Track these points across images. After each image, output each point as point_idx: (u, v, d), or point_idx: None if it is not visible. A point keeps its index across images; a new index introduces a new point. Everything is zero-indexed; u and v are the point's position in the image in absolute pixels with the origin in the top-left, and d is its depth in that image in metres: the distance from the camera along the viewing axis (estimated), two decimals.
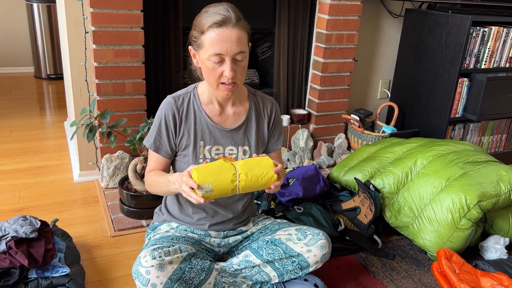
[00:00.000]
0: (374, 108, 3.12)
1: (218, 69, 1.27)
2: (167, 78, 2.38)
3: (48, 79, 4.18)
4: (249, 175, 1.20)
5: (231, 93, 1.32)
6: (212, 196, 1.19)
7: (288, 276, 1.45)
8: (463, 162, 1.94)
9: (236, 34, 1.25)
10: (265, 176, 1.21)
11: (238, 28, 1.25)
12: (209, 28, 1.24)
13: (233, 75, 1.27)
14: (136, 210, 1.95)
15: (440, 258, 1.67)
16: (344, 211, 1.96)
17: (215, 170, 1.19)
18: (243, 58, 1.29)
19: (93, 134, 1.90)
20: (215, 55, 1.25)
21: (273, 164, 1.23)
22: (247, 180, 1.19)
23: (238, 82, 1.31)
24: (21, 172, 2.35)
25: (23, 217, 1.53)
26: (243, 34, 1.27)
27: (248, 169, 1.20)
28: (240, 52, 1.26)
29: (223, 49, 1.24)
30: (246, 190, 1.22)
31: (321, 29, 2.56)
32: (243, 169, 1.20)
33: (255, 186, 1.22)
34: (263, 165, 1.22)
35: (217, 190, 1.18)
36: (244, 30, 1.28)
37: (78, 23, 2.06)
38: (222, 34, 1.24)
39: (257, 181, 1.20)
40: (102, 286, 1.57)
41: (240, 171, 1.19)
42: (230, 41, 1.24)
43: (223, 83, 1.30)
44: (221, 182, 1.18)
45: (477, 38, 2.54)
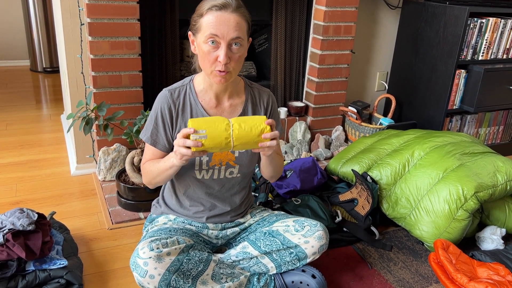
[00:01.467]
0: (371, 100, 3.12)
1: (213, 53, 1.26)
2: (164, 70, 2.37)
3: (44, 72, 4.15)
4: (242, 125, 1.21)
5: (224, 81, 1.30)
6: (206, 144, 1.19)
7: (285, 267, 1.46)
8: (460, 154, 1.95)
9: (234, 19, 1.24)
10: (258, 127, 1.22)
11: (237, 14, 1.25)
12: (208, 11, 1.24)
13: (227, 61, 1.25)
14: (133, 203, 1.94)
15: (437, 249, 1.68)
16: (341, 203, 1.97)
17: (210, 120, 1.21)
18: (239, 47, 1.27)
19: (89, 127, 1.89)
20: (211, 36, 1.23)
21: (265, 118, 1.24)
22: (240, 129, 1.20)
23: (232, 72, 1.29)
24: (17, 165, 2.34)
25: (20, 210, 1.53)
26: (242, 22, 1.26)
27: (241, 120, 1.22)
28: (237, 38, 1.25)
29: (219, 31, 1.23)
30: (240, 141, 1.21)
31: (318, 20, 2.55)
32: (236, 121, 1.22)
33: (249, 137, 1.21)
34: (256, 118, 1.24)
35: (210, 138, 1.18)
36: (243, 18, 1.27)
37: (73, 15, 2.05)
38: (220, 17, 1.23)
39: (250, 131, 1.21)
40: (100, 278, 1.57)
41: (233, 122, 1.22)
42: (228, 25, 1.23)
43: (216, 70, 1.28)
44: (215, 129, 1.19)
45: (474, 30, 2.53)
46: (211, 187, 1.46)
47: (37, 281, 1.43)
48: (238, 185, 1.50)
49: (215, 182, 1.44)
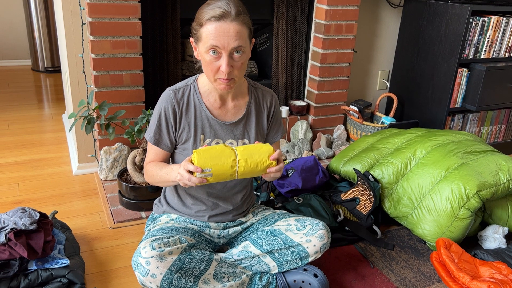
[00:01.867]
0: (373, 99, 3.11)
1: (215, 63, 1.26)
2: (165, 69, 2.37)
3: (45, 72, 4.15)
4: (249, 161, 1.21)
5: (228, 87, 1.31)
6: (211, 180, 1.20)
7: (287, 266, 1.46)
8: (462, 152, 1.94)
9: (234, 28, 1.22)
10: (265, 163, 1.23)
11: (237, 22, 1.23)
12: (207, 21, 1.23)
13: (230, 70, 1.25)
14: (135, 202, 1.94)
15: (439, 248, 1.68)
16: (343, 202, 1.96)
17: (216, 154, 1.19)
18: (241, 54, 1.26)
19: (91, 126, 1.89)
20: (211, 47, 1.23)
21: (272, 151, 1.24)
22: (246, 166, 1.21)
23: (235, 78, 1.30)
24: (19, 165, 2.34)
25: (22, 209, 1.53)
26: (242, 29, 1.25)
27: (248, 155, 1.21)
28: (238, 47, 1.24)
29: (219, 42, 1.22)
30: (244, 176, 1.23)
31: (320, 19, 2.54)
32: (243, 155, 1.21)
33: (254, 172, 1.23)
34: (262, 151, 1.23)
35: (216, 175, 1.19)
36: (244, 25, 1.25)
37: (75, 14, 2.04)
38: (219, 28, 1.22)
39: (256, 167, 1.22)
40: (102, 278, 1.57)
41: (240, 157, 1.21)
42: (228, 35, 1.22)
43: (220, 78, 1.29)
44: (220, 167, 1.19)
45: (476, 28, 2.53)
46: (212, 187, 1.46)
47: (39, 281, 1.43)
48: (240, 184, 1.50)
49: (217, 182, 1.44)
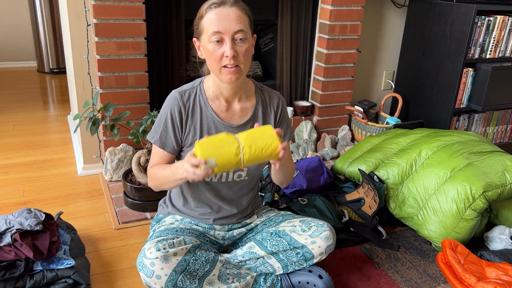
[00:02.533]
0: (378, 99, 3.10)
1: (219, 51, 1.25)
2: (170, 70, 2.37)
3: (51, 73, 4.18)
4: (253, 147, 1.16)
5: (235, 78, 1.28)
6: (216, 170, 1.16)
7: (292, 267, 1.45)
8: (468, 153, 1.93)
9: (234, 12, 1.24)
10: (269, 147, 1.17)
11: (236, 7, 1.25)
12: (207, 10, 1.25)
13: (233, 54, 1.24)
14: (140, 203, 1.95)
15: (445, 249, 1.67)
16: (348, 203, 1.96)
17: (218, 144, 1.16)
18: (244, 41, 1.26)
19: (96, 127, 1.90)
20: (214, 34, 1.23)
21: (276, 135, 1.19)
22: (251, 153, 1.16)
23: (241, 66, 1.27)
24: (25, 165, 2.35)
25: (27, 210, 1.53)
26: (242, 15, 1.26)
27: (252, 141, 1.17)
28: (240, 31, 1.24)
29: (221, 26, 1.23)
30: (251, 163, 1.18)
31: (324, 19, 2.54)
32: (247, 142, 1.16)
33: (260, 158, 1.18)
34: (266, 136, 1.18)
35: (221, 165, 1.15)
36: (243, 12, 1.26)
37: (80, 16, 2.05)
38: (219, 13, 1.23)
39: (261, 152, 1.17)
40: (107, 278, 1.57)
41: (244, 144, 1.16)
42: (228, 19, 1.23)
43: (225, 67, 1.27)
44: (224, 156, 1.15)
45: (482, 28, 2.51)
46: (218, 190, 1.45)
47: (44, 281, 1.44)
48: (246, 187, 1.49)
49: (223, 185, 1.44)
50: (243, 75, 1.33)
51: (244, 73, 1.31)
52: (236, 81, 1.29)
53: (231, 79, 1.28)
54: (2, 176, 2.23)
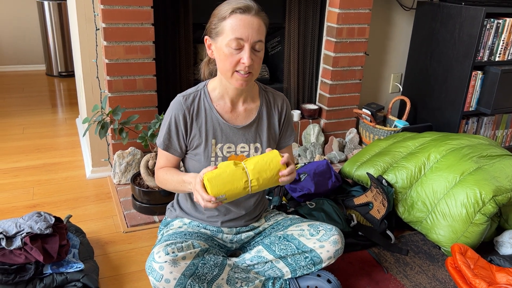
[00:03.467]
0: (386, 102, 3.09)
1: (236, 56, 1.26)
2: (178, 74, 2.38)
3: (59, 76, 4.21)
4: (260, 179, 1.23)
5: (245, 84, 1.31)
6: (225, 202, 1.25)
7: (300, 271, 1.45)
8: (477, 156, 1.92)
9: (257, 22, 1.26)
10: (276, 176, 1.25)
11: (259, 17, 1.27)
12: (232, 14, 1.25)
13: (251, 63, 1.26)
14: (148, 206, 1.95)
15: (455, 253, 1.66)
16: (356, 206, 1.95)
17: (227, 179, 1.21)
18: (261, 49, 1.29)
19: (105, 131, 1.91)
20: (235, 40, 1.24)
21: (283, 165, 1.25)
22: (259, 184, 1.24)
23: (253, 73, 1.30)
24: (34, 169, 2.37)
25: (37, 213, 1.54)
26: (263, 25, 1.28)
27: (259, 173, 1.23)
28: (259, 41, 1.27)
29: (244, 34, 1.24)
30: (257, 191, 1.27)
31: (332, 23, 2.53)
32: (254, 175, 1.23)
33: (267, 186, 1.26)
34: (273, 166, 1.24)
35: (230, 197, 1.23)
36: (264, 22, 1.29)
37: (89, 20, 2.07)
38: (244, 20, 1.24)
39: (268, 183, 1.25)
40: (116, 282, 1.58)
41: (252, 177, 1.23)
42: (252, 28, 1.24)
43: (238, 72, 1.28)
44: (234, 191, 1.22)
45: (491, 30, 2.50)
46: None
47: (54, 284, 1.45)
48: None
49: None
50: (253, 80, 1.35)
51: (254, 79, 1.34)
52: (246, 86, 1.32)
53: (242, 85, 1.31)
54: (12, 179, 2.24)
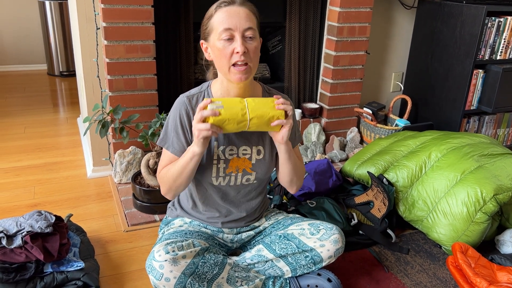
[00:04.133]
0: (387, 101, 3.08)
1: (229, 48, 1.24)
2: (178, 73, 2.38)
3: (61, 76, 4.22)
4: (256, 100, 1.25)
5: (244, 77, 1.27)
6: (223, 114, 1.20)
7: (301, 270, 1.45)
8: (478, 155, 1.91)
9: (244, 11, 1.26)
10: (271, 103, 1.25)
11: (245, 7, 1.27)
12: (217, 9, 1.26)
13: (244, 50, 1.24)
14: (149, 205, 1.96)
15: (456, 252, 1.65)
16: (357, 205, 1.95)
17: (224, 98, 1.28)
18: (253, 37, 1.26)
19: (105, 130, 1.91)
20: (224, 31, 1.23)
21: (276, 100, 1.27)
22: (254, 102, 1.24)
23: (250, 65, 1.27)
24: (35, 168, 2.37)
25: (38, 212, 1.55)
26: (251, 14, 1.27)
27: (253, 98, 1.27)
28: (249, 28, 1.25)
29: (232, 23, 1.23)
30: (256, 113, 1.23)
31: (333, 21, 2.53)
32: (249, 98, 1.26)
33: (264, 109, 1.24)
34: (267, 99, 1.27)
35: (227, 107, 1.21)
36: (251, 11, 1.28)
37: (89, 20, 2.07)
38: (230, 11, 1.25)
39: (264, 105, 1.24)
40: (116, 280, 1.58)
41: (246, 98, 1.26)
42: (239, 16, 1.24)
43: (234, 66, 1.26)
44: (230, 101, 1.23)
45: (492, 29, 2.49)
46: (227, 193, 1.45)
47: (54, 283, 1.45)
48: (254, 191, 1.49)
49: (231, 189, 1.44)
50: (252, 75, 1.32)
51: (253, 73, 1.31)
52: (245, 80, 1.29)
53: (241, 79, 1.27)
54: (14, 178, 2.25)
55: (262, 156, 1.43)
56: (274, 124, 1.25)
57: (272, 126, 1.26)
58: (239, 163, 1.40)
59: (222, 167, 1.38)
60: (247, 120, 1.22)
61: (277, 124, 1.25)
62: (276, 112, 1.24)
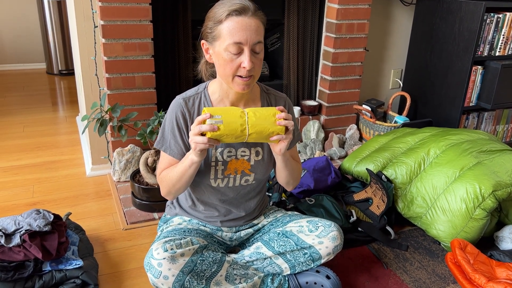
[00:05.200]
0: (386, 98, 3.08)
1: (236, 61, 1.22)
2: (177, 71, 2.38)
3: (60, 75, 4.21)
4: (257, 113, 1.20)
5: (247, 87, 1.27)
6: (222, 130, 1.17)
7: (299, 268, 1.45)
8: (477, 151, 1.91)
9: (255, 23, 1.21)
10: (273, 117, 1.21)
11: (256, 17, 1.22)
12: (228, 17, 1.20)
13: (252, 66, 1.22)
14: (148, 203, 1.96)
15: (454, 249, 1.65)
16: (356, 202, 1.95)
17: (225, 108, 1.21)
18: (260, 50, 1.24)
19: (104, 128, 1.91)
20: (234, 44, 1.20)
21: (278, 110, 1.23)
22: (255, 116, 1.20)
23: (255, 75, 1.26)
24: (34, 167, 2.37)
25: (36, 211, 1.55)
26: (261, 25, 1.24)
27: (255, 110, 1.22)
28: (259, 43, 1.23)
29: (243, 37, 1.19)
30: (255, 129, 1.20)
31: (331, 18, 2.53)
32: (250, 110, 1.22)
33: (264, 125, 1.20)
34: (269, 109, 1.23)
35: (226, 123, 1.17)
36: (261, 22, 1.24)
37: (87, 18, 2.07)
38: (242, 22, 1.20)
39: (265, 119, 1.20)
40: (115, 278, 1.58)
41: (248, 111, 1.21)
42: (250, 30, 1.20)
43: (239, 76, 1.24)
44: (230, 115, 1.18)
45: (491, 25, 2.48)
46: (226, 195, 1.44)
47: (53, 281, 1.45)
48: (253, 191, 1.49)
49: (230, 190, 1.43)
50: (254, 83, 1.31)
51: (255, 81, 1.30)
52: (247, 90, 1.28)
53: (244, 89, 1.27)
54: (13, 177, 2.25)
55: (261, 157, 1.42)
56: (273, 139, 1.23)
57: (271, 140, 1.24)
58: (237, 165, 1.39)
59: (220, 169, 1.37)
60: (246, 135, 1.20)
61: (276, 139, 1.23)
62: (276, 128, 1.21)
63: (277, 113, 1.22)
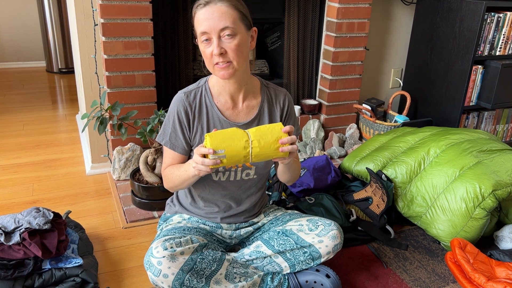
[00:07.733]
0: (386, 98, 3.08)
1: (208, 50, 1.26)
2: (177, 69, 2.38)
3: (59, 73, 4.21)
4: (262, 141, 1.19)
5: (228, 74, 1.28)
6: (224, 162, 1.17)
7: (299, 266, 1.45)
8: (477, 151, 1.91)
9: (219, 9, 1.23)
10: (277, 144, 1.20)
11: (222, 3, 1.24)
12: (195, 10, 1.27)
13: (220, 51, 1.24)
14: (147, 202, 1.96)
15: (454, 248, 1.65)
16: (356, 201, 1.95)
17: (228, 136, 1.18)
18: (232, 35, 1.24)
19: (104, 127, 1.91)
20: (201, 35, 1.25)
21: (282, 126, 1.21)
22: (260, 147, 1.18)
23: (233, 62, 1.27)
24: (34, 165, 2.37)
25: (36, 209, 1.55)
26: (229, 10, 1.24)
27: (260, 136, 1.19)
28: (225, 28, 1.23)
29: (206, 26, 1.24)
30: (258, 158, 1.20)
31: (332, 17, 2.52)
32: (255, 136, 1.19)
33: (268, 153, 1.20)
34: (275, 131, 1.20)
35: (229, 156, 1.17)
36: (230, 7, 1.24)
37: (87, 16, 2.06)
38: (205, 13, 1.24)
39: (269, 148, 1.19)
40: (114, 277, 1.58)
41: (253, 138, 1.19)
42: (213, 18, 1.23)
43: (217, 64, 1.27)
44: (233, 148, 1.17)
45: (491, 24, 2.48)
46: (227, 189, 1.45)
47: (53, 280, 1.45)
48: (254, 186, 1.49)
49: (231, 184, 1.44)
50: (239, 71, 1.31)
51: (238, 69, 1.30)
52: (229, 77, 1.29)
53: (224, 76, 1.29)
54: (12, 175, 2.25)
55: None
56: (276, 160, 1.26)
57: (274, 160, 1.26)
58: None
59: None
60: (249, 162, 1.21)
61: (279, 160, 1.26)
62: (279, 154, 1.21)
63: (281, 136, 1.20)
